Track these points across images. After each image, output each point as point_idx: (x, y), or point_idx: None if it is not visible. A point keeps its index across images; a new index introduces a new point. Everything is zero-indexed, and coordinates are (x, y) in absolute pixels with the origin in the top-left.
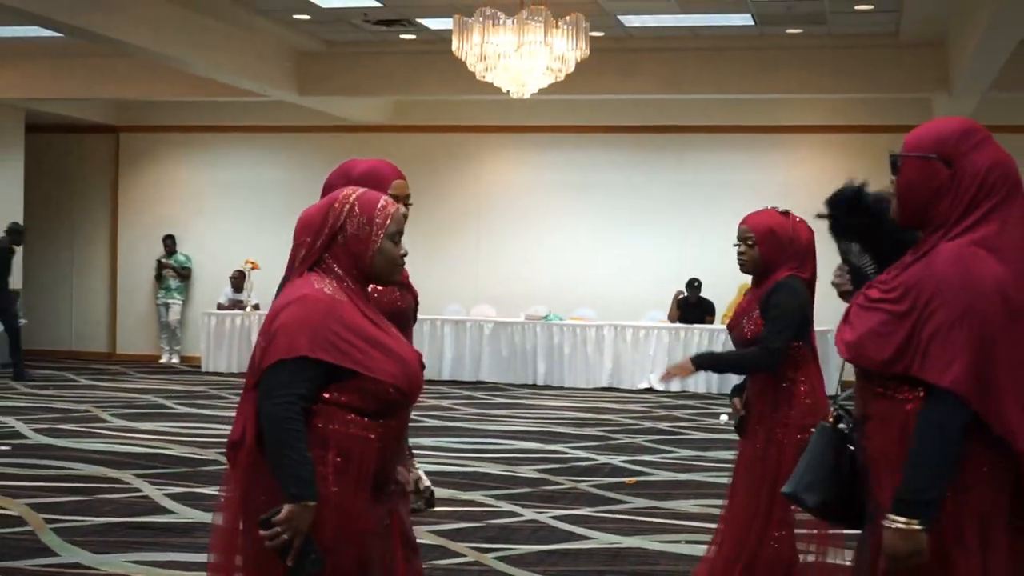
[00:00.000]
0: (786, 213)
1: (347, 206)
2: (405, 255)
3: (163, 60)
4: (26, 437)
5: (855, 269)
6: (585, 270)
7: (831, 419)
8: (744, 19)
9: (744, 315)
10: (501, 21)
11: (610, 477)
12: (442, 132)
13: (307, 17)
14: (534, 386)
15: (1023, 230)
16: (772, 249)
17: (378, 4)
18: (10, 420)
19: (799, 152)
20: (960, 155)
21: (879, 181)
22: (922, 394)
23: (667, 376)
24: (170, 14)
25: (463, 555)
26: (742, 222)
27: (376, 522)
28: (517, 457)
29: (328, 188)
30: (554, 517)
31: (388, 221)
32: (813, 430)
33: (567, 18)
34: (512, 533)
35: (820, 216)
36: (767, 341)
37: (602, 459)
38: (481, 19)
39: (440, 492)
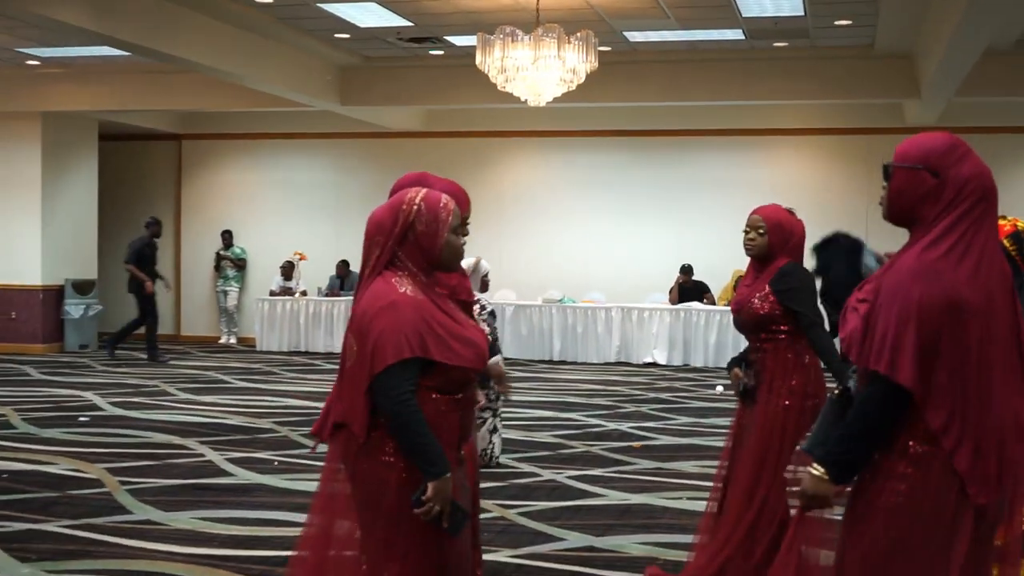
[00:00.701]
0: (791, 211)
1: (415, 207)
2: (465, 241)
3: (220, 75)
4: (103, 409)
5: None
6: (595, 258)
7: (838, 391)
8: (736, 34)
9: (753, 296)
10: (519, 38)
11: (618, 441)
12: (468, 137)
13: (347, 36)
14: (550, 361)
15: (992, 233)
16: (778, 240)
17: (410, 24)
18: (89, 394)
19: (784, 152)
20: (945, 167)
21: (856, 177)
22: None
23: (739, 381)
24: (226, 34)
25: (490, 511)
26: (755, 212)
27: (459, 478)
28: (536, 424)
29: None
30: (569, 477)
31: (451, 217)
32: (806, 401)
33: (578, 34)
34: (532, 491)
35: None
36: (805, 320)
37: (611, 425)
38: (501, 36)
39: None
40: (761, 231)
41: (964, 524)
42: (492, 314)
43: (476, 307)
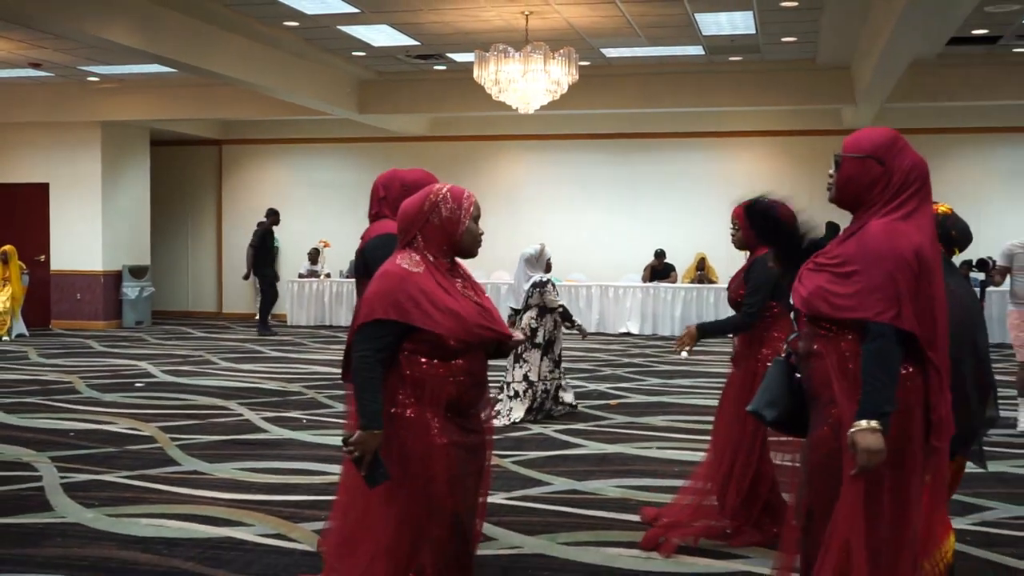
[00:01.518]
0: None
1: (440, 196)
2: (482, 234)
3: (255, 88)
4: (155, 376)
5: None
6: (578, 244)
7: (784, 354)
8: (697, 50)
9: (734, 281)
10: (510, 54)
11: (597, 400)
12: (467, 140)
13: (364, 53)
14: None
15: (930, 212)
16: (748, 231)
17: (417, 43)
18: (143, 364)
19: (739, 152)
20: (891, 157)
21: (802, 173)
22: (851, 336)
23: (679, 345)
24: (259, 52)
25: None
26: (733, 211)
27: (458, 437)
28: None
29: (377, 188)
30: (555, 431)
31: (472, 207)
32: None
33: (561, 51)
34: (524, 443)
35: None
36: (745, 308)
37: (591, 386)
38: (495, 53)
39: None
40: (735, 226)
41: (917, 446)
42: (554, 286)
43: (548, 285)
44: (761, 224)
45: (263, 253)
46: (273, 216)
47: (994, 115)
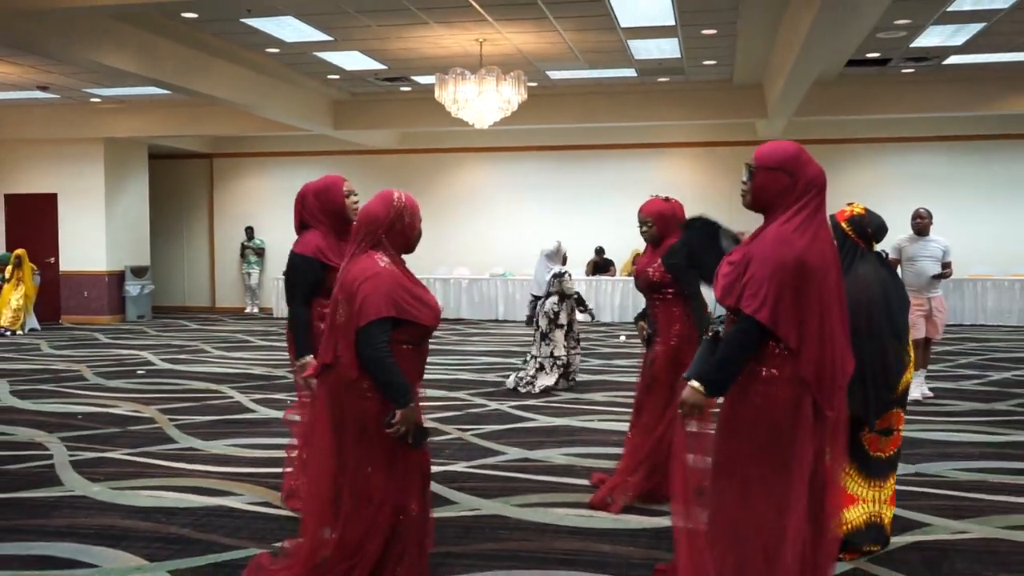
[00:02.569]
0: (667, 199)
1: (402, 202)
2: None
3: (241, 107)
4: (155, 364)
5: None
6: (529, 242)
7: (710, 332)
8: (630, 72)
9: (649, 266)
10: (467, 76)
11: None
12: (431, 152)
13: (338, 76)
14: (496, 320)
15: (824, 216)
16: (663, 226)
17: (385, 67)
18: (144, 353)
19: (668, 160)
20: (797, 169)
21: (721, 179)
22: None
23: (643, 333)
24: (245, 76)
25: (451, 433)
26: (640, 211)
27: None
28: (485, 367)
29: (297, 204)
30: (510, 406)
31: (419, 212)
32: (683, 344)
33: (512, 73)
34: (483, 418)
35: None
36: (691, 290)
37: None
38: (453, 76)
39: (433, 392)
40: (649, 224)
41: (805, 422)
42: (570, 277)
43: (566, 275)
44: (696, 237)
45: None
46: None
47: (886, 127)
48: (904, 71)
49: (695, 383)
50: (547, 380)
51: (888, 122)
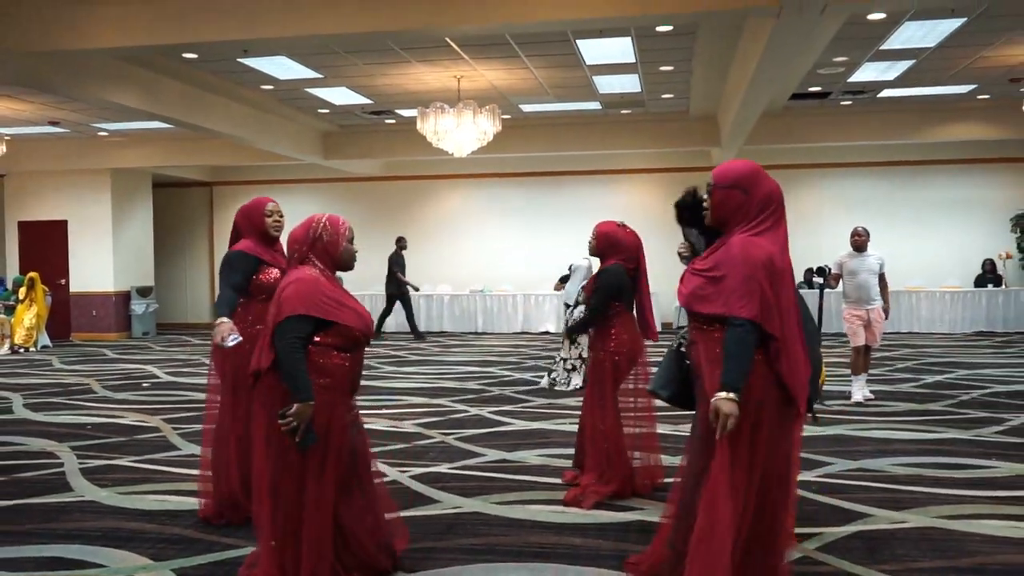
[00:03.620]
0: (623, 225)
1: (321, 224)
2: (357, 251)
3: (238, 140)
4: (159, 377)
5: (693, 246)
6: (505, 261)
7: (676, 344)
8: (595, 105)
9: (588, 285)
10: (446, 110)
11: (523, 386)
12: (414, 180)
13: (327, 110)
14: (476, 333)
15: (784, 229)
16: (604, 246)
17: (370, 101)
18: (150, 367)
19: (629, 185)
20: (751, 186)
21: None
22: (719, 328)
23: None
24: (241, 110)
25: (434, 437)
26: (594, 229)
27: (351, 416)
28: (466, 375)
29: (237, 221)
30: (490, 412)
31: (347, 231)
32: (618, 356)
33: (487, 107)
34: (464, 423)
35: (676, 207)
36: (593, 303)
37: (517, 375)
38: (434, 109)
39: (418, 399)
40: (592, 241)
41: (771, 407)
42: None
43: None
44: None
45: (396, 272)
46: (401, 241)
47: (828, 154)
48: (843, 103)
49: (727, 394)
50: (578, 379)
51: (829, 149)
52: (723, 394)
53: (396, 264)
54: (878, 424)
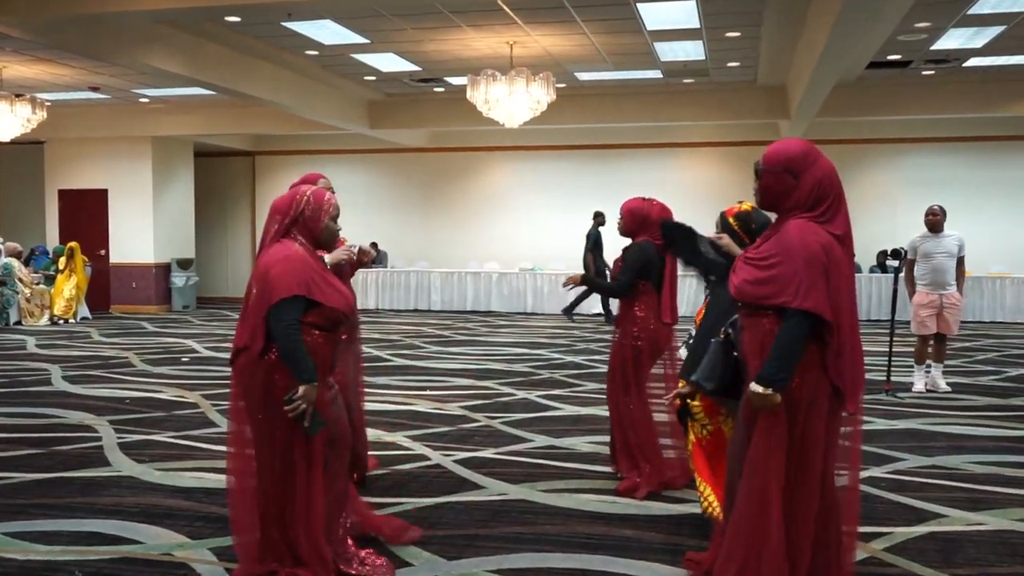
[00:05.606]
0: (649, 200)
1: (305, 198)
2: (340, 230)
3: (282, 108)
4: (199, 352)
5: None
6: (556, 237)
7: (723, 334)
8: (655, 73)
9: (617, 262)
10: (498, 77)
11: (574, 370)
12: (462, 151)
13: (374, 78)
14: (525, 313)
15: (844, 213)
16: (631, 223)
17: (419, 68)
18: (189, 341)
19: (692, 160)
20: (802, 170)
21: (744, 179)
22: (770, 318)
23: (568, 282)
24: (286, 77)
25: (480, 421)
26: (621, 207)
27: (331, 394)
28: (514, 358)
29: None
30: (538, 396)
31: (331, 208)
32: (639, 342)
33: (541, 75)
34: (510, 406)
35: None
36: (618, 279)
37: (568, 358)
38: (485, 77)
39: (464, 381)
40: (621, 220)
41: (822, 404)
42: None
43: None
44: (677, 240)
45: (596, 252)
46: (599, 218)
47: (906, 128)
48: (925, 73)
49: (759, 387)
50: None
51: (908, 123)
52: (758, 387)
53: (589, 241)
54: (955, 419)
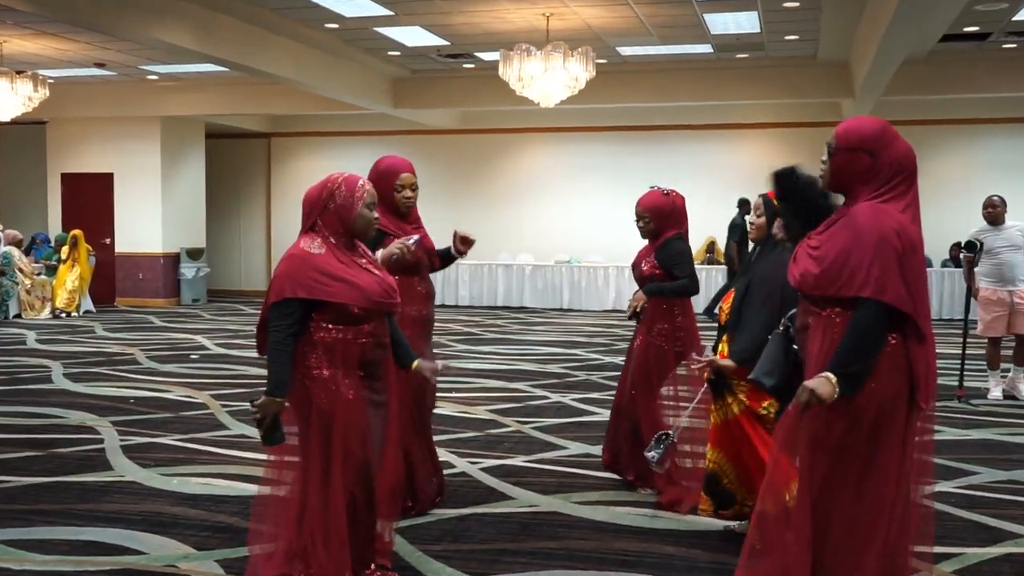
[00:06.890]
0: (666, 192)
1: (336, 185)
2: (377, 219)
3: (300, 86)
4: (209, 349)
5: (788, 225)
6: (595, 227)
7: (783, 327)
8: (706, 48)
9: (643, 260)
10: (533, 53)
11: (613, 371)
12: (494, 133)
13: (398, 53)
14: (561, 309)
15: (916, 196)
16: (659, 220)
17: (447, 43)
18: (198, 338)
19: (744, 142)
20: (879, 150)
21: (803, 163)
22: (839, 310)
23: (632, 308)
24: (304, 52)
25: (510, 426)
26: (637, 205)
27: (367, 393)
28: (548, 358)
29: (371, 179)
30: (573, 399)
31: (366, 195)
32: (680, 346)
33: (579, 49)
34: (543, 411)
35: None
36: (687, 277)
37: (607, 359)
38: (519, 52)
39: (493, 383)
40: (647, 219)
41: (901, 410)
42: None
43: None
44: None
45: (742, 242)
46: (744, 206)
47: (983, 107)
48: (1005, 46)
49: (831, 377)
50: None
51: (984, 102)
52: (828, 377)
53: (737, 232)
54: None
